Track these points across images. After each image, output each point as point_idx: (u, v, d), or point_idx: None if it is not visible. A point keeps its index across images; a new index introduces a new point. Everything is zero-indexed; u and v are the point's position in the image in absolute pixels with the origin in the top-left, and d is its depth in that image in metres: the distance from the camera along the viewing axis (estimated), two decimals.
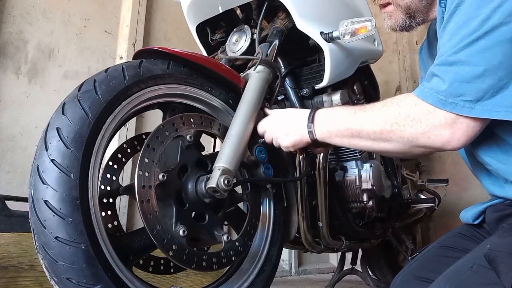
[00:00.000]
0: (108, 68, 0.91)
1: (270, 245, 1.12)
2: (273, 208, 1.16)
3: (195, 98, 1.07)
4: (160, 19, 2.72)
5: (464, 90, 0.76)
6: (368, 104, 0.99)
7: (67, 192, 0.74)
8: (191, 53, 1.05)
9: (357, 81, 1.52)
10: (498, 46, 0.74)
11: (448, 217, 2.64)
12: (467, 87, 0.76)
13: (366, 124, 0.89)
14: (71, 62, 2.20)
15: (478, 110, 0.76)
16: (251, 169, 1.11)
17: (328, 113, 1.00)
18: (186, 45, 2.50)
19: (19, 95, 1.96)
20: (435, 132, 0.80)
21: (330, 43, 1.27)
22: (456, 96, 0.77)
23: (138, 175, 0.85)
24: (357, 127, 0.91)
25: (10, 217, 1.47)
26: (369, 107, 0.92)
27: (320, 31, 1.26)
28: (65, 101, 0.83)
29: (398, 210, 1.80)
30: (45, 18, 2.11)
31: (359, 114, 0.92)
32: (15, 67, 1.96)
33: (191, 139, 0.98)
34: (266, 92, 1.14)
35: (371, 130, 0.88)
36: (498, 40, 0.74)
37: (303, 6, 1.25)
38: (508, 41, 0.74)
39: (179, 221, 0.90)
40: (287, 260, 2.87)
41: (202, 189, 0.94)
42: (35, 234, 0.75)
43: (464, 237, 1.03)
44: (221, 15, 1.41)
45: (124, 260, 0.85)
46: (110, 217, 1.08)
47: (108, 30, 2.41)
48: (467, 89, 0.76)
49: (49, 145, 0.77)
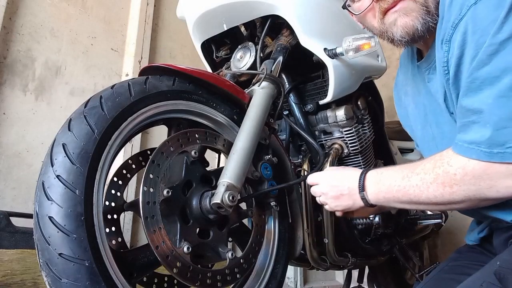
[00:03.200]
0: (114, 85, 0.92)
1: (275, 262, 1.11)
2: (278, 224, 1.15)
3: (200, 114, 1.08)
4: (166, 37, 2.76)
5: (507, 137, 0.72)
6: (415, 163, 0.92)
7: (72, 208, 0.74)
8: (196, 69, 1.06)
9: (361, 97, 1.53)
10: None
11: (456, 234, 2.60)
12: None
13: (424, 189, 0.84)
14: (78, 79, 2.22)
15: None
16: (256, 186, 1.10)
17: (380, 178, 0.95)
18: (191, 63, 2.53)
19: (26, 112, 1.98)
20: (503, 185, 0.75)
21: (334, 59, 1.28)
22: (500, 145, 0.73)
23: (143, 191, 0.85)
24: (414, 192, 0.86)
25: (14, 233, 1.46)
26: (419, 169, 0.87)
27: (324, 47, 1.27)
28: (71, 117, 0.84)
29: (405, 227, 1.78)
30: (52, 36, 2.15)
31: (413, 178, 0.87)
32: (23, 84, 1.99)
33: (196, 154, 0.98)
34: (270, 108, 1.14)
35: (431, 194, 0.84)
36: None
37: (306, 23, 1.27)
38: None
39: (184, 238, 0.89)
40: (293, 278, 2.82)
41: (206, 205, 0.93)
42: (39, 251, 0.74)
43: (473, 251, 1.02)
44: (226, 33, 1.43)
45: (127, 277, 0.84)
46: (114, 234, 1.07)
47: (115, 48, 2.44)
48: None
49: (55, 161, 0.77)
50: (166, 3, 2.80)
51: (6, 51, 1.93)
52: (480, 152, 0.75)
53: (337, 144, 1.44)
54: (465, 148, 0.78)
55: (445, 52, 0.83)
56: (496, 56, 0.73)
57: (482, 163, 0.75)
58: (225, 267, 0.96)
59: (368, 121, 1.56)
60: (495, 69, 0.73)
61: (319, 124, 1.47)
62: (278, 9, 1.26)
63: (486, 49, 0.73)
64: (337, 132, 1.46)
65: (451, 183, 0.80)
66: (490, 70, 0.74)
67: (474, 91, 0.77)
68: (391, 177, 0.92)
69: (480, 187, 0.77)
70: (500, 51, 0.72)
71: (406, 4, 0.88)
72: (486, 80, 0.74)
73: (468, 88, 0.78)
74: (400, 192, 0.89)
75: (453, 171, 0.80)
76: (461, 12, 0.78)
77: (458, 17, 0.78)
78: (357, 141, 1.46)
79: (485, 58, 0.74)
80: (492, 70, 0.73)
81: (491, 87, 0.74)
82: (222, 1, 1.31)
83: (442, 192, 0.81)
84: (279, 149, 1.22)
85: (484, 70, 0.74)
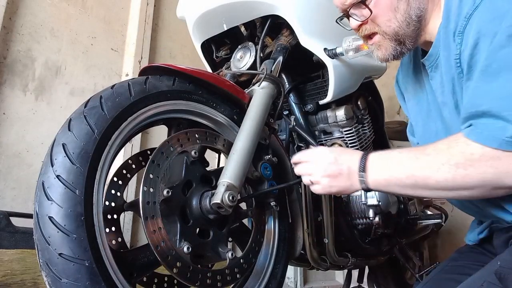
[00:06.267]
0: (114, 85, 0.92)
1: (275, 262, 1.11)
2: (278, 224, 1.15)
3: (200, 114, 1.07)
4: (166, 37, 2.76)
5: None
6: (426, 145, 0.85)
7: (72, 208, 0.74)
8: (196, 69, 1.06)
9: (361, 97, 1.53)
10: None
11: (456, 234, 2.60)
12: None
13: (434, 171, 0.78)
14: (78, 79, 2.22)
15: None
16: (255, 186, 1.10)
17: (384, 159, 0.88)
18: (191, 63, 2.53)
19: (26, 112, 1.98)
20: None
21: (334, 59, 1.28)
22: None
23: (143, 191, 0.85)
24: (422, 174, 0.80)
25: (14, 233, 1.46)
26: (430, 149, 0.81)
27: (324, 47, 1.28)
28: (71, 117, 0.84)
29: (405, 227, 1.78)
30: (53, 36, 2.15)
31: (422, 159, 0.80)
32: (23, 84, 1.99)
33: (195, 154, 0.98)
34: (270, 108, 1.14)
35: (441, 177, 0.77)
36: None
37: (306, 23, 1.27)
38: None
39: (184, 238, 0.89)
40: (292, 278, 2.82)
41: (206, 205, 0.93)
42: (39, 251, 0.74)
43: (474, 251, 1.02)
44: (226, 33, 1.43)
45: (127, 277, 0.84)
46: (114, 234, 1.07)
47: (115, 48, 2.44)
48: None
49: (55, 161, 0.77)
50: (166, 3, 2.80)
51: (6, 51, 1.93)
52: (502, 141, 0.71)
53: (337, 144, 1.44)
54: (485, 136, 0.73)
55: (457, 45, 0.81)
56: None
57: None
58: (225, 267, 0.96)
59: (368, 121, 1.56)
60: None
61: (319, 124, 1.47)
62: (278, 9, 1.26)
63: (505, 31, 0.71)
64: (337, 132, 1.46)
65: (466, 165, 0.74)
66: (510, 52, 0.71)
67: (491, 75, 0.74)
68: (396, 158, 0.86)
69: (498, 170, 0.72)
70: None
71: (377, 39, 0.94)
72: (506, 64, 0.72)
73: (485, 73, 0.75)
74: (404, 174, 0.82)
75: (471, 151, 0.74)
76: (475, 3, 0.78)
77: (472, 7, 0.78)
78: (357, 141, 1.46)
79: (504, 40, 0.72)
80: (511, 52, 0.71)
81: (510, 71, 0.71)
82: (222, 1, 1.31)
83: (454, 174, 0.75)
84: (279, 149, 1.22)
85: (503, 52, 0.72)
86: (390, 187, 0.86)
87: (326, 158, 0.92)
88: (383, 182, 0.86)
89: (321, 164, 0.92)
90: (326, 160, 0.92)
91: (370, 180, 0.88)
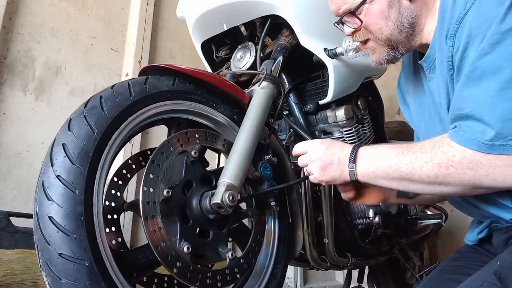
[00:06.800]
0: (114, 85, 0.92)
1: (275, 262, 1.11)
2: (278, 224, 1.15)
3: (200, 114, 1.08)
4: (166, 37, 2.76)
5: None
6: (413, 143, 0.92)
7: (72, 208, 0.74)
8: (196, 69, 1.06)
9: (361, 97, 1.53)
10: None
11: (456, 234, 2.60)
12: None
13: (418, 168, 0.83)
14: (78, 79, 2.22)
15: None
16: (255, 186, 1.10)
17: (373, 152, 0.93)
18: (191, 63, 2.52)
19: (26, 112, 1.98)
20: (501, 174, 0.74)
21: (334, 59, 1.28)
22: (503, 137, 0.72)
23: (143, 191, 0.85)
24: (407, 169, 0.84)
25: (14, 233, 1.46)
26: (417, 148, 0.86)
27: (324, 47, 1.28)
28: (71, 117, 0.84)
29: (405, 227, 1.78)
30: (53, 36, 2.15)
31: (408, 156, 0.85)
32: (23, 84, 1.99)
33: (196, 154, 0.98)
34: (270, 108, 1.14)
35: (424, 173, 0.82)
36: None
37: (306, 23, 1.27)
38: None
39: (184, 238, 0.89)
40: (292, 278, 2.82)
41: (206, 205, 0.93)
42: (39, 251, 0.74)
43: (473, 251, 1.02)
44: (226, 33, 1.43)
45: (127, 277, 0.84)
46: (114, 234, 1.07)
47: (115, 48, 2.44)
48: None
49: (55, 161, 0.77)
50: (166, 3, 2.80)
51: (6, 51, 1.93)
52: (482, 144, 0.74)
53: None
54: (466, 139, 0.77)
55: (449, 48, 0.83)
56: (499, 45, 0.73)
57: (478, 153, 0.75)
58: (225, 267, 0.96)
59: (368, 121, 1.56)
60: (497, 59, 0.73)
61: (319, 124, 1.47)
62: (278, 9, 1.26)
63: (489, 39, 0.74)
64: (337, 132, 1.46)
65: (447, 165, 0.79)
66: (492, 60, 0.74)
67: (474, 81, 0.77)
68: (384, 153, 0.91)
69: (477, 172, 0.76)
70: (502, 41, 0.72)
71: (371, 45, 0.99)
72: (487, 70, 0.74)
73: (469, 78, 0.78)
74: (391, 168, 0.87)
75: (452, 153, 0.78)
76: (465, 7, 0.79)
77: (463, 11, 0.79)
78: (357, 141, 1.46)
79: (487, 47, 0.74)
80: (494, 60, 0.73)
81: (492, 77, 0.74)
82: (222, 1, 1.31)
83: (437, 173, 0.80)
84: (279, 149, 1.23)
85: (486, 59, 0.74)
86: (377, 179, 0.91)
87: (319, 148, 0.98)
88: (371, 174, 0.91)
89: (314, 154, 0.98)
90: (318, 151, 0.98)
91: (359, 171, 0.93)
